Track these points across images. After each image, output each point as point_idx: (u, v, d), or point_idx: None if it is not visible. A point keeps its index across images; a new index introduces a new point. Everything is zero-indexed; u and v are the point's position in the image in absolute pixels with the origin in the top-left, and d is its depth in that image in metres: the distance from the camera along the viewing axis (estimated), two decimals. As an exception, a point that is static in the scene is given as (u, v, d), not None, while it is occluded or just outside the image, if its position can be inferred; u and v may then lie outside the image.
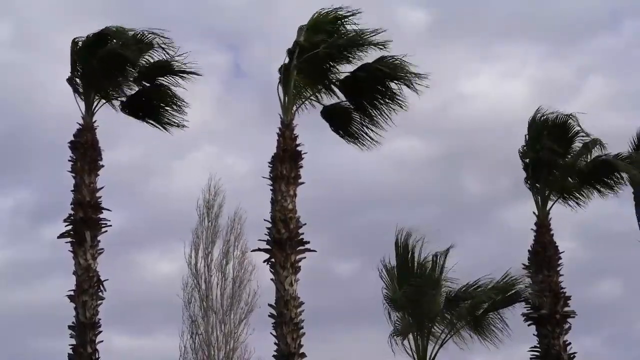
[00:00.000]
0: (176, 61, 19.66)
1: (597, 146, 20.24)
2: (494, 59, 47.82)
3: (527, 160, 20.45)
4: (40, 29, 42.25)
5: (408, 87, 18.82)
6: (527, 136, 20.66)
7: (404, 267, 19.90)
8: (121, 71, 19.67)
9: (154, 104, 20.38)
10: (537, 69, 48.00)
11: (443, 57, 43.25)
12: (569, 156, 20.60)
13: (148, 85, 20.14)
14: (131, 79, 19.97)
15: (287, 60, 18.86)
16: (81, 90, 19.60)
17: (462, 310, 19.30)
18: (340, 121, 19.86)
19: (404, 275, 19.76)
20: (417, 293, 19.25)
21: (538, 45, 48.91)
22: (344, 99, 19.56)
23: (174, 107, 20.29)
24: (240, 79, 51.07)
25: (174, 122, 20.43)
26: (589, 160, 20.49)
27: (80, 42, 19.47)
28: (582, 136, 20.51)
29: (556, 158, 20.27)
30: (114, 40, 19.25)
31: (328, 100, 19.72)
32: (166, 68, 19.82)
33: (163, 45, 19.43)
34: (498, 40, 48.31)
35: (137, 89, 20.17)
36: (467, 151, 43.47)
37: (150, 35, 19.39)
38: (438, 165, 43.18)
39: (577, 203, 20.81)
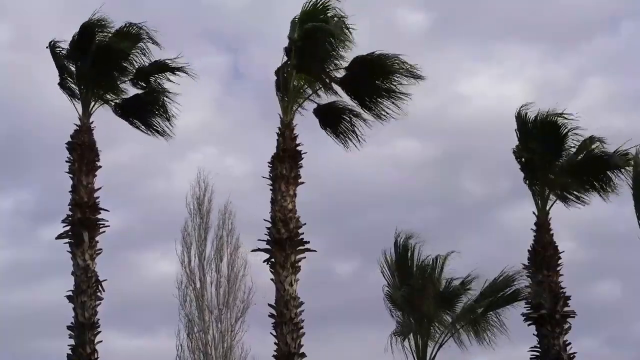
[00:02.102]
0: (172, 60, 19.70)
1: (597, 143, 20.14)
2: (492, 60, 47.88)
3: (523, 160, 20.38)
4: (39, 29, 42.23)
5: (405, 76, 18.80)
6: (517, 134, 20.55)
7: (403, 269, 19.90)
8: (116, 66, 19.61)
9: (145, 110, 20.33)
10: (536, 70, 48.03)
11: (442, 58, 43.36)
12: (564, 155, 20.49)
13: (143, 87, 20.11)
14: (128, 78, 19.93)
15: (284, 59, 18.84)
16: (77, 92, 19.58)
17: (461, 310, 19.35)
18: (329, 119, 19.72)
19: (403, 277, 19.77)
20: (415, 294, 19.26)
21: (537, 46, 48.99)
22: (343, 96, 19.53)
23: (164, 115, 20.27)
24: (239, 80, 51.18)
25: (163, 131, 20.41)
26: (582, 156, 20.33)
27: (57, 45, 19.46)
28: (576, 134, 20.35)
29: (549, 159, 20.17)
30: (102, 34, 19.19)
31: (328, 99, 19.71)
32: (163, 67, 19.80)
33: (150, 37, 19.40)
34: (497, 42, 48.38)
35: (133, 90, 20.20)
36: (466, 152, 43.54)
37: (135, 27, 19.35)
38: (437, 166, 43.21)
39: (577, 201, 20.72)
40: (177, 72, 19.73)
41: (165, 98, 20.02)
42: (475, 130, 42.47)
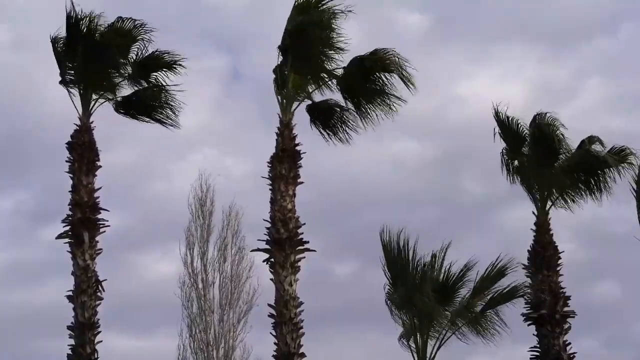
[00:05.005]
0: (169, 54, 19.69)
1: (596, 143, 20.13)
2: (492, 61, 47.84)
3: (515, 163, 20.40)
4: (39, 29, 42.22)
5: (401, 79, 18.81)
6: (501, 136, 20.55)
7: (394, 267, 19.83)
8: (111, 61, 19.54)
9: (148, 103, 20.24)
10: (535, 70, 48.01)
11: (441, 60, 43.37)
12: (561, 157, 20.48)
13: (142, 83, 20.05)
14: (125, 75, 19.86)
15: (281, 59, 18.82)
16: (77, 90, 19.54)
17: (459, 306, 19.34)
18: (321, 117, 19.70)
19: (396, 275, 19.70)
20: (411, 293, 19.22)
21: (536, 47, 48.93)
22: (340, 96, 19.50)
23: (169, 106, 20.21)
24: (239, 81, 51.18)
25: (168, 122, 20.36)
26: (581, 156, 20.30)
27: (60, 39, 19.35)
28: (567, 138, 20.35)
29: (544, 160, 20.15)
30: (98, 32, 19.14)
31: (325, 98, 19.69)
32: (157, 60, 19.77)
33: (144, 33, 19.40)
34: (495, 43, 48.33)
35: (131, 87, 20.11)
36: (466, 152, 43.48)
37: (128, 22, 19.28)
38: (436, 166, 43.22)
39: (573, 201, 20.69)
40: (173, 66, 19.72)
41: (166, 93, 20.03)
42: (475, 130, 42.45)
